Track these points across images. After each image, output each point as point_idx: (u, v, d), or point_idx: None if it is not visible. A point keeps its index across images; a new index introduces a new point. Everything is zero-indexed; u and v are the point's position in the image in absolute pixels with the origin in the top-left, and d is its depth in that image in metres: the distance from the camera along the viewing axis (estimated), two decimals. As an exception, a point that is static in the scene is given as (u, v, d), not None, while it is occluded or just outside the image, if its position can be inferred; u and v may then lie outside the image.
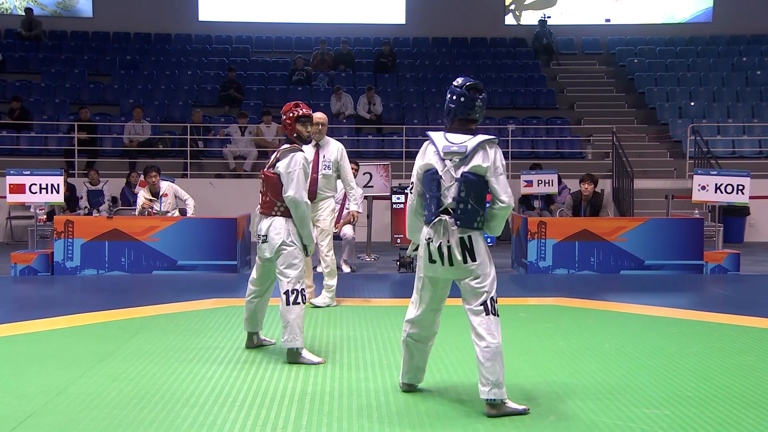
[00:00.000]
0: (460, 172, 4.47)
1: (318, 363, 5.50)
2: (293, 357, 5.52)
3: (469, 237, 4.46)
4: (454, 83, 4.64)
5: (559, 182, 13.64)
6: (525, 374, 5.23)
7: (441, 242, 4.48)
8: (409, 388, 4.87)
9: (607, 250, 10.30)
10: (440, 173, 4.51)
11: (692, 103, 18.10)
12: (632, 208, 14.56)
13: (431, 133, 4.64)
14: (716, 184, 10.59)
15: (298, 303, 5.52)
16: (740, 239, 14.46)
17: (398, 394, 4.79)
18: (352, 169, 10.59)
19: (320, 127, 7.56)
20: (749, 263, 11.34)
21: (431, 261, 4.54)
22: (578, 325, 6.99)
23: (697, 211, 12.28)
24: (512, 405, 4.41)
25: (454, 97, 4.58)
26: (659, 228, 10.58)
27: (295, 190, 5.52)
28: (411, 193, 4.78)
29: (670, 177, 15.96)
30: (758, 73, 19.22)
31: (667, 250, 10.40)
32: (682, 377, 5.18)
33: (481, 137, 4.52)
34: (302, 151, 5.73)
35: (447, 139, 4.54)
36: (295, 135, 5.78)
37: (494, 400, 4.35)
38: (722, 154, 16.20)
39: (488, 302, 4.45)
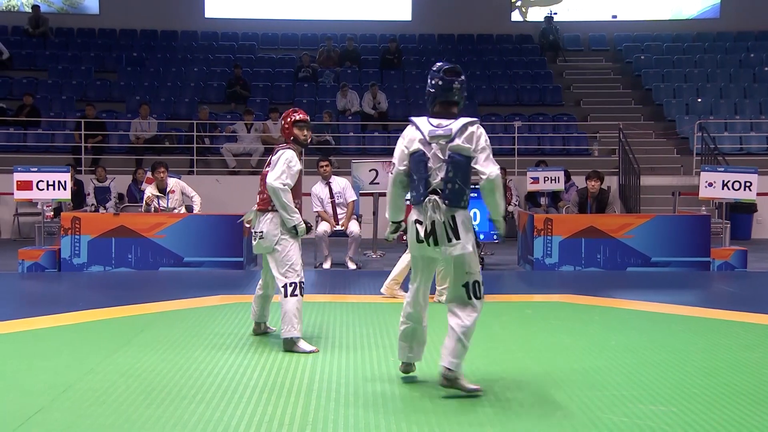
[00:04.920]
0: (447, 153, 4.62)
1: (311, 351, 5.70)
2: (289, 345, 5.74)
3: (453, 217, 4.61)
4: (433, 68, 4.79)
5: (567, 179, 13.60)
6: (531, 371, 5.23)
7: (428, 223, 4.63)
8: (408, 369, 5.01)
9: (613, 247, 10.28)
10: (428, 155, 4.65)
11: (699, 100, 18.03)
12: (639, 204, 14.52)
13: (414, 119, 4.78)
14: (723, 181, 10.55)
15: (296, 295, 5.73)
16: (747, 236, 14.40)
17: (404, 388, 4.80)
18: (325, 168, 10.63)
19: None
20: (756, 260, 11.29)
21: (419, 241, 4.71)
22: (584, 322, 6.99)
23: (704, 208, 12.25)
24: (466, 384, 4.65)
25: (432, 82, 4.75)
26: (666, 225, 10.55)
27: (273, 177, 5.69)
28: (392, 173, 4.92)
29: (677, 174, 15.91)
30: (766, 69, 19.11)
31: (674, 246, 10.37)
32: (688, 374, 5.18)
33: (463, 120, 4.66)
34: (294, 150, 5.85)
35: (431, 124, 4.69)
36: (291, 138, 5.92)
37: (450, 370, 4.60)
38: (729, 151, 16.15)
39: (470, 284, 4.66)
